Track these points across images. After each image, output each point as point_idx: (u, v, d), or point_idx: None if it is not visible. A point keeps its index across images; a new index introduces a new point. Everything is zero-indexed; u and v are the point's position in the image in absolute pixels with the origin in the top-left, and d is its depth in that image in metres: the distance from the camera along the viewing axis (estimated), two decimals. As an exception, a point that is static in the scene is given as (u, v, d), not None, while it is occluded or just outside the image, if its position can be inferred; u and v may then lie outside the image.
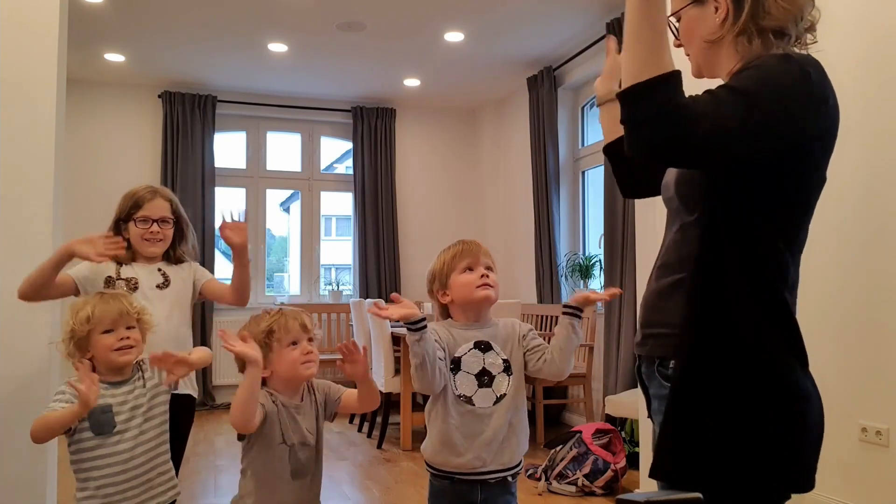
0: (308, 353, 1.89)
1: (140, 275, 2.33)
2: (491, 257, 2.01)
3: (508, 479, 1.93)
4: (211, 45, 5.37)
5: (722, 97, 1.19)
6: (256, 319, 1.90)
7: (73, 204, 5.76)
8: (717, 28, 1.34)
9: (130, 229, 2.35)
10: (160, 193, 2.39)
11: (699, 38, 1.38)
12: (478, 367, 1.90)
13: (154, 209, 2.35)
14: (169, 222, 2.38)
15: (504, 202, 6.65)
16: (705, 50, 1.38)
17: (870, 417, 3.01)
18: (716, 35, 1.35)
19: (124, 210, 2.37)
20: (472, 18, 4.84)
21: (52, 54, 2.68)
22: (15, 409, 2.55)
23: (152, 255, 2.36)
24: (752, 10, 1.31)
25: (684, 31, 1.42)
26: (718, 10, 1.34)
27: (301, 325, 1.89)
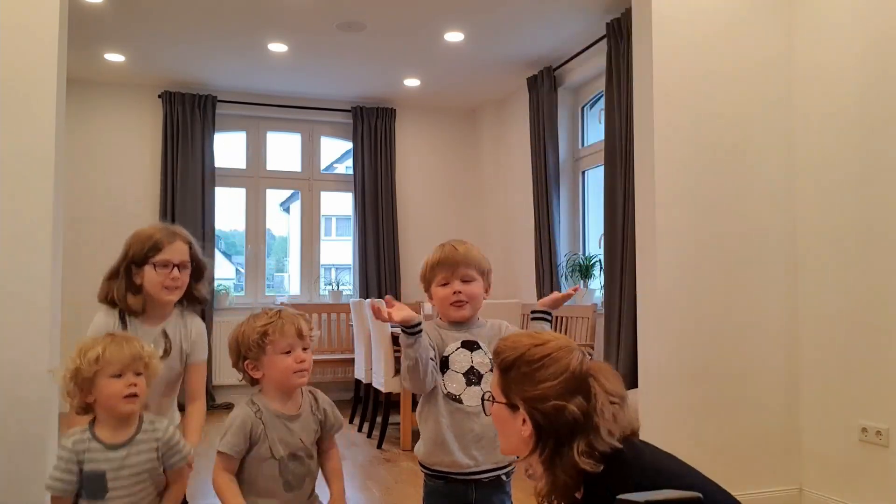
0: (301, 361, 1.86)
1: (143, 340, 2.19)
2: (475, 263, 1.96)
3: (502, 479, 1.94)
4: (211, 45, 5.37)
5: None
6: (254, 318, 1.89)
7: (73, 204, 5.76)
8: (525, 441, 1.34)
9: (146, 274, 2.13)
10: (180, 235, 2.21)
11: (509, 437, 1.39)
12: (466, 366, 1.92)
13: (175, 252, 2.16)
14: (188, 267, 2.20)
15: (504, 202, 6.64)
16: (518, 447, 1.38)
17: (870, 417, 3.01)
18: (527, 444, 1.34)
19: (139, 253, 2.14)
20: (472, 18, 4.84)
21: (52, 54, 2.68)
22: (15, 409, 2.55)
23: (168, 304, 2.19)
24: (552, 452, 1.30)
25: (496, 420, 1.43)
26: (525, 426, 1.34)
27: (297, 330, 1.86)
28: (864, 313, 3.05)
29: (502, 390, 1.38)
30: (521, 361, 1.35)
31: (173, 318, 2.23)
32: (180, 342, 2.23)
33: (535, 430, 1.31)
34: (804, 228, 3.34)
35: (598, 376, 1.34)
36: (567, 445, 1.28)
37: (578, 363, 1.34)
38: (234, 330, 1.91)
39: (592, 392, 1.32)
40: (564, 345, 1.37)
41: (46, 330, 2.63)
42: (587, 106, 5.81)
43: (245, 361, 1.87)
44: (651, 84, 3.24)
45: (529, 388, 1.32)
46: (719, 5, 3.34)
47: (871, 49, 3.03)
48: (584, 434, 1.28)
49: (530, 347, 1.36)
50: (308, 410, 1.92)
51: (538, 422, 1.31)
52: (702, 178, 3.27)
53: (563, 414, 1.29)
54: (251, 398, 1.88)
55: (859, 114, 3.08)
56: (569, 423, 1.28)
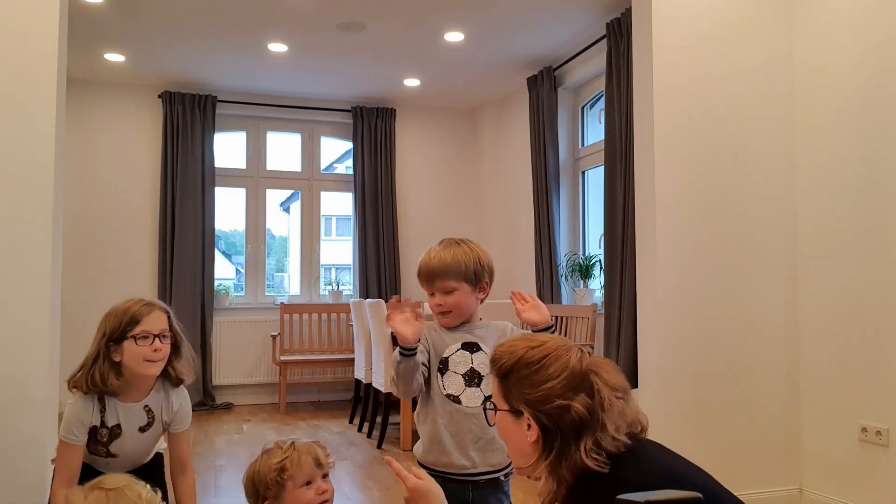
0: (323, 492, 1.79)
1: (124, 419, 2.14)
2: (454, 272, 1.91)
3: (501, 479, 1.93)
4: (211, 45, 5.37)
5: None
6: (269, 454, 1.81)
7: (73, 204, 5.77)
8: (531, 447, 1.32)
9: (126, 350, 2.06)
10: (157, 306, 2.14)
11: (515, 445, 1.36)
12: (465, 367, 1.92)
13: (153, 323, 2.09)
14: (168, 337, 2.13)
15: (504, 202, 6.64)
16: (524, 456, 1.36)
17: (870, 417, 3.01)
18: (532, 450, 1.32)
19: (117, 328, 2.07)
20: (472, 18, 4.84)
21: (52, 54, 2.68)
22: (15, 410, 2.55)
23: (148, 380, 2.13)
24: (558, 452, 1.27)
25: (501, 430, 1.39)
26: (530, 431, 1.31)
27: (315, 460, 1.79)
28: (864, 313, 3.05)
29: (504, 397, 1.36)
30: (519, 365, 1.33)
31: (154, 392, 2.18)
32: (162, 414, 2.20)
33: (542, 433, 1.29)
34: (804, 228, 3.34)
35: (599, 371, 1.33)
36: (574, 445, 1.26)
37: (578, 360, 1.32)
38: (247, 469, 1.84)
39: (595, 388, 1.29)
40: (561, 344, 1.35)
41: (46, 330, 2.63)
42: (587, 106, 5.81)
43: (265, 501, 1.79)
44: (651, 84, 3.24)
45: (531, 391, 1.30)
46: (719, 5, 3.34)
47: (872, 49, 3.03)
48: (591, 432, 1.26)
49: (527, 350, 1.34)
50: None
51: (544, 424, 1.28)
52: (702, 178, 3.27)
53: (568, 413, 1.26)
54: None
55: (860, 114, 3.08)
56: (575, 422, 1.26)
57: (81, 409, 2.09)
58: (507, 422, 1.36)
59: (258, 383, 6.46)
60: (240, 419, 5.78)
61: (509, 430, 1.36)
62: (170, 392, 2.21)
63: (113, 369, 2.07)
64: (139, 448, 2.23)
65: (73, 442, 2.09)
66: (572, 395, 1.28)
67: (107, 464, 2.22)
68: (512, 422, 1.34)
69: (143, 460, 2.29)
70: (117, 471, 2.22)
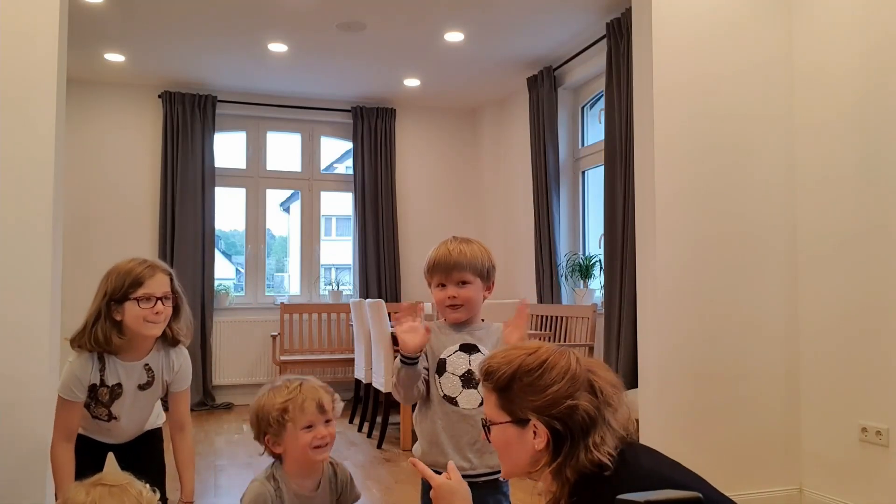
0: (321, 437, 1.80)
1: (125, 378, 2.17)
2: (470, 265, 1.92)
3: (499, 480, 1.93)
4: (211, 45, 5.37)
5: None
6: (275, 391, 1.83)
7: (73, 204, 5.76)
8: (536, 454, 1.30)
9: (128, 310, 2.08)
10: (159, 268, 2.16)
11: (516, 457, 1.34)
12: (463, 369, 1.91)
13: (156, 285, 2.10)
14: (170, 298, 2.16)
15: (504, 202, 6.64)
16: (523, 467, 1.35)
17: (870, 417, 3.01)
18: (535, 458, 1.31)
19: (119, 288, 2.09)
20: (472, 18, 4.84)
21: (52, 54, 2.67)
22: (15, 409, 2.55)
23: (149, 340, 2.16)
24: (567, 454, 1.27)
25: (500, 444, 1.37)
26: (537, 438, 1.29)
27: (318, 405, 1.80)
28: (864, 313, 3.05)
29: (504, 409, 1.34)
30: (520, 373, 1.32)
31: (155, 352, 2.20)
32: (162, 373, 2.22)
33: (553, 438, 1.28)
34: (804, 228, 3.34)
35: (595, 370, 1.34)
36: (582, 444, 1.26)
37: (576, 362, 1.33)
38: (254, 402, 1.86)
39: (597, 386, 1.31)
40: (556, 348, 1.35)
41: (46, 330, 2.63)
42: (587, 106, 5.81)
43: (265, 437, 1.82)
44: (651, 84, 3.24)
45: (537, 397, 1.29)
46: (719, 5, 3.34)
47: (872, 49, 3.03)
48: (598, 428, 1.27)
49: (524, 358, 1.33)
50: (327, 487, 1.88)
51: (555, 427, 1.27)
52: (702, 178, 3.27)
53: (577, 412, 1.26)
54: (272, 471, 1.83)
55: (860, 114, 3.08)
56: (584, 421, 1.27)
57: (80, 367, 2.11)
58: (510, 433, 1.33)
59: (258, 383, 6.42)
60: (240, 419, 5.78)
61: (511, 442, 1.33)
62: (170, 351, 2.23)
63: (115, 328, 2.09)
64: (140, 410, 2.24)
65: (72, 399, 2.11)
66: (578, 395, 1.28)
67: (108, 430, 2.23)
68: (515, 433, 1.32)
69: (142, 427, 2.30)
70: (117, 439, 2.23)
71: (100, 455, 2.27)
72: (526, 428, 1.30)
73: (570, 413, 1.27)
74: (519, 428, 1.32)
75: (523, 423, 1.31)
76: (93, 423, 2.22)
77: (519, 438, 1.32)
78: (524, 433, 1.31)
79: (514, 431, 1.32)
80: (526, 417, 1.30)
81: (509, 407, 1.33)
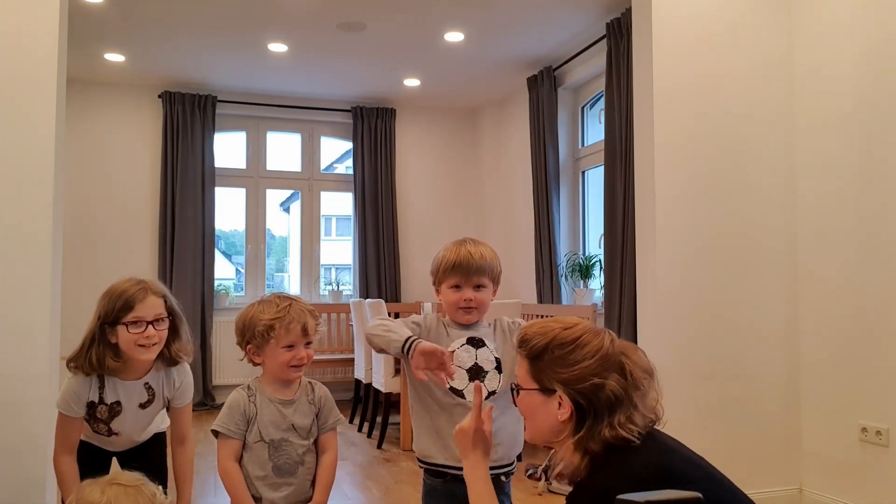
0: (300, 358, 1.90)
1: (124, 397, 2.13)
2: (489, 270, 1.95)
3: (502, 479, 1.93)
4: (211, 45, 5.37)
5: None
6: (264, 305, 1.92)
7: (73, 204, 5.76)
8: (559, 424, 1.34)
9: (120, 334, 2.03)
10: (151, 289, 2.09)
11: (540, 423, 1.39)
12: (470, 362, 1.92)
13: (147, 309, 2.04)
14: (164, 321, 2.09)
15: (504, 202, 6.64)
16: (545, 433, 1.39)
17: (870, 417, 3.01)
18: (558, 428, 1.35)
19: (110, 312, 2.04)
20: (472, 18, 4.84)
21: (52, 54, 2.68)
22: (15, 410, 2.55)
23: (146, 362, 2.11)
24: (589, 429, 1.31)
25: (525, 408, 1.43)
26: (561, 409, 1.33)
27: (303, 327, 1.90)
28: (863, 313, 3.05)
29: (533, 377, 1.39)
30: (553, 345, 1.36)
31: (154, 371, 2.18)
32: (163, 391, 2.21)
33: (576, 410, 1.32)
34: (804, 228, 3.34)
35: (629, 354, 1.37)
36: (606, 421, 1.29)
37: (610, 342, 1.36)
38: (243, 311, 1.96)
39: (627, 369, 1.34)
40: (592, 327, 1.40)
41: (46, 330, 2.63)
42: (587, 106, 5.81)
43: (248, 346, 1.92)
44: (651, 84, 3.24)
45: (565, 371, 1.33)
46: (719, 6, 3.34)
47: (872, 50, 3.03)
48: (624, 409, 1.30)
49: (560, 331, 1.38)
50: (304, 399, 1.96)
51: (579, 402, 1.32)
52: (702, 178, 3.27)
53: (602, 391, 1.30)
54: (249, 382, 1.94)
55: (859, 114, 3.08)
56: (609, 400, 1.30)
57: (79, 386, 2.09)
58: (536, 400, 1.38)
59: (258, 383, 6.44)
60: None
61: (536, 409, 1.39)
62: (171, 370, 2.21)
63: (110, 350, 2.06)
64: (140, 425, 2.24)
65: (71, 414, 2.10)
66: (606, 375, 1.32)
67: (109, 442, 2.23)
68: (541, 400, 1.37)
69: (142, 437, 2.30)
70: (120, 448, 2.24)
71: (104, 459, 2.27)
72: (552, 398, 1.35)
73: (596, 391, 1.31)
74: (545, 396, 1.36)
75: (549, 393, 1.36)
76: (93, 436, 2.22)
77: (544, 406, 1.37)
78: (549, 402, 1.36)
79: (539, 399, 1.37)
80: (553, 388, 1.35)
81: (538, 376, 1.38)
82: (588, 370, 1.32)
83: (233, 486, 1.85)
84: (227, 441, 1.87)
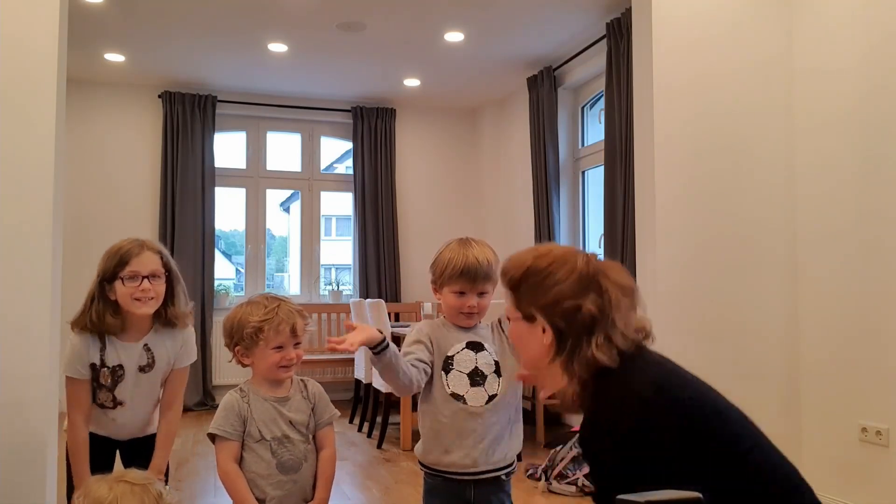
0: (289, 359, 1.90)
1: (125, 359, 2.17)
2: (493, 276, 1.93)
3: (502, 478, 1.94)
4: (211, 45, 5.37)
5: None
6: (253, 306, 1.91)
7: (73, 204, 5.76)
8: (545, 351, 1.35)
9: (118, 289, 2.11)
10: (148, 246, 2.17)
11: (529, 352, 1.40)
12: (470, 367, 1.92)
13: (143, 264, 2.11)
14: (160, 277, 2.15)
15: (504, 202, 6.64)
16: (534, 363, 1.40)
17: (870, 417, 3.01)
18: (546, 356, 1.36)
19: (109, 268, 2.12)
20: (472, 18, 4.84)
21: (52, 54, 2.68)
22: (15, 409, 2.55)
23: (143, 319, 2.17)
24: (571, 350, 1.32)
25: (515, 338, 1.45)
26: (545, 335, 1.35)
27: (292, 328, 1.89)
28: (863, 313, 3.05)
29: (516, 306, 1.41)
30: (528, 274, 1.38)
31: (153, 333, 2.21)
32: (167, 355, 2.23)
33: (556, 335, 1.33)
34: (804, 228, 3.35)
35: (607, 272, 1.37)
36: (585, 343, 1.30)
37: (584, 263, 1.37)
38: (231, 312, 1.95)
39: (604, 287, 1.34)
40: (568, 250, 1.41)
41: (46, 330, 2.63)
42: (587, 106, 5.81)
43: (236, 348, 1.92)
44: (651, 84, 3.24)
45: (542, 296, 1.35)
46: (719, 5, 3.34)
47: (872, 49, 3.03)
48: (602, 329, 1.31)
49: (534, 259, 1.40)
50: (299, 395, 1.96)
51: (558, 326, 1.33)
52: (702, 178, 3.27)
53: (579, 313, 1.31)
54: (240, 385, 1.94)
55: (859, 114, 3.08)
56: (586, 321, 1.31)
57: (81, 344, 2.14)
58: (522, 328, 1.40)
59: (258, 383, 6.45)
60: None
61: (523, 336, 1.41)
62: (172, 332, 2.24)
63: (109, 308, 2.12)
64: (144, 396, 2.23)
65: (78, 377, 2.14)
66: (582, 296, 1.33)
67: (114, 420, 2.22)
68: (526, 328, 1.39)
69: (147, 420, 2.28)
70: (125, 428, 2.23)
71: (108, 455, 2.27)
72: (535, 325, 1.37)
73: (573, 313, 1.32)
74: (529, 324, 1.38)
75: (532, 320, 1.37)
76: (100, 414, 2.22)
77: (530, 334, 1.38)
78: (534, 329, 1.37)
79: (525, 327, 1.39)
80: (533, 315, 1.37)
81: (520, 304, 1.40)
82: (562, 294, 1.33)
83: (234, 488, 1.85)
84: (226, 443, 1.87)
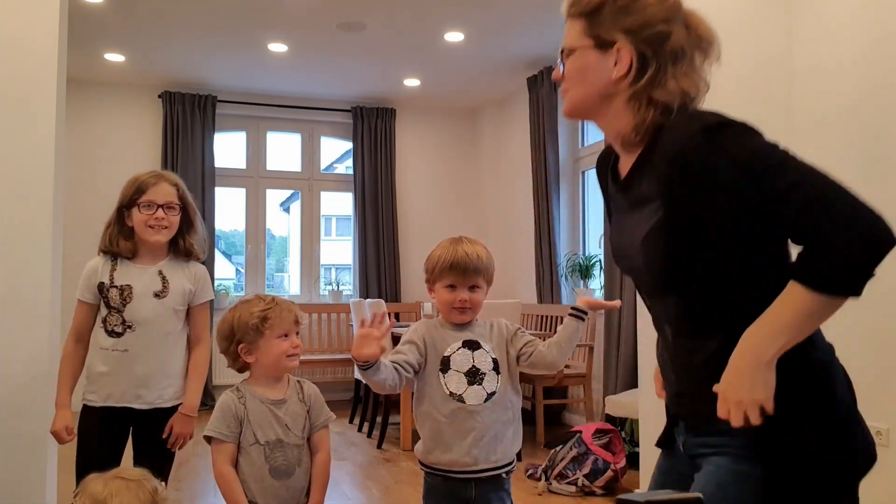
0: (296, 346, 1.92)
1: (136, 280, 2.21)
2: (484, 271, 1.94)
3: (502, 476, 1.94)
4: (211, 45, 5.37)
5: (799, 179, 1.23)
6: (249, 303, 1.92)
7: (73, 204, 5.76)
8: (612, 83, 1.27)
9: (134, 216, 2.22)
10: (165, 178, 2.28)
11: (589, 85, 1.30)
12: (467, 366, 1.92)
13: (159, 194, 2.23)
14: (175, 208, 2.25)
15: (504, 202, 6.65)
16: (593, 97, 1.31)
17: (870, 417, 3.01)
18: (608, 90, 1.28)
19: (127, 196, 2.25)
20: (472, 18, 4.84)
21: (52, 54, 2.68)
22: (15, 409, 2.55)
23: (157, 244, 2.24)
24: (651, 79, 1.25)
25: (575, 71, 1.33)
26: (618, 65, 1.26)
27: (295, 317, 1.93)
28: (864, 313, 3.05)
29: (588, 33, 1.30)
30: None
31: (169, 260, 2.29)
32: (182, 283, 2.27)
33: (639, 60, 1.24)
34: (804, 228, 3.34)
35: (696, 17, 1.30)
36: (670, 72, 1.25)
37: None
38: (226, 315, 1.94)
39: (693, 24, 1.27)
40: None
41: (46, 330, 2.64)
42: (587, 106, 5.81)
43: (239, 345, 1.90)
44: (651, 84, 3.24)
45: (629, 18, 1.26)
46: (719, 5, 3.33)
47: (872, 49, 3.03)
48: (687, 62, 1.26)
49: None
50: (294, 397, 1.96)
51: (643, 51, 1.24)
52: (702, 178, 3.27)
53: (668, 40, 1.24)
54: (237, 385, 1.93)
55: (859, 113, 3.08)
56: (674, 50, 1.25)
57: (91, 266, 2.25)
58: (591, 58, 1.29)
59: (258, 383, 6.45)
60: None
61: (588, 68, 1.29)
62: (189, 263, 2.32)
63: (123, 232, 2.24)
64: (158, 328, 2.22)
65: (84, 300, 2.23)
66: (672, 24, 1.26)
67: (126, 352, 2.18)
68: (595, 57, 1.28)
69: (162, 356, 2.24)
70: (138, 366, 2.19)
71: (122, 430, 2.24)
72: (608, 53, 1.27)
73: (661, 39, 1.24)
74: (600, 53, 1.28)
75: (607, 47, 1.27)
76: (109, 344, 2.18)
77: (598, 63, 1.28)
78: (605, 59, 1.28)
79: (594, 56, 1.29)
80: (612, 39, 1.27)
81: (595, 31, 1.29)
82: (655, 16, 1.25)
83: (229, 490, 1.85)
84: (222, 445, 1.86)
